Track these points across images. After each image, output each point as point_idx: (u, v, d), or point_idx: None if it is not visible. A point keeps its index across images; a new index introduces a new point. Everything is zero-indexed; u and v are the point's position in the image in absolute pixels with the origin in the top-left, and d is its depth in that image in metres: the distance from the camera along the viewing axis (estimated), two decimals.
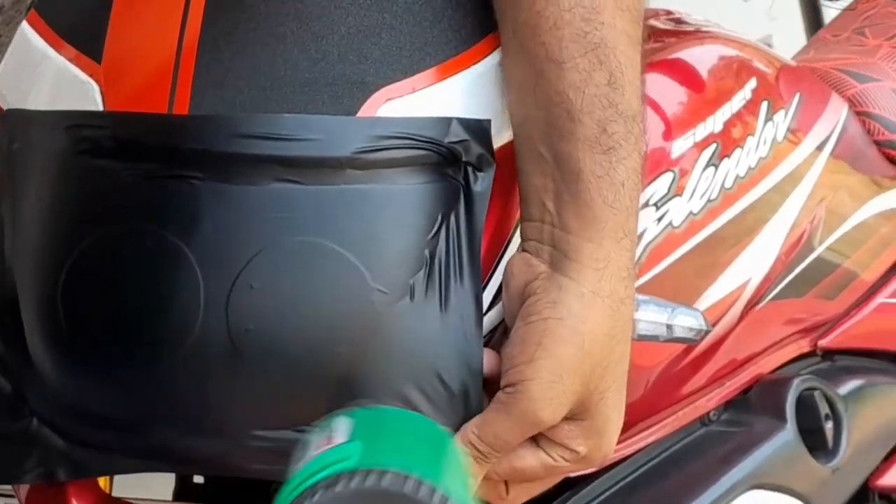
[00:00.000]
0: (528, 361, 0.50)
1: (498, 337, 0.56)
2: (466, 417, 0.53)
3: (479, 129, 0.54)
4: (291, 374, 0.51)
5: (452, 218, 0.53)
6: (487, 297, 0.55)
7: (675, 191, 0.70)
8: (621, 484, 0.73)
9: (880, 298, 0.91)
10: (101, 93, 0.55)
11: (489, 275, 0.55)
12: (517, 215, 0.55)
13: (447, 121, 0.53)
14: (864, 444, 0.84)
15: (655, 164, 0.69)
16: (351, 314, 0.51)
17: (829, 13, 1.47)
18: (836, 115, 0.86)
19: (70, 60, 0.56)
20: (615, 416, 0.55)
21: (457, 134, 0.54)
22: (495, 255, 0.56)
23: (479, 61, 0.56)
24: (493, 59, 0.56)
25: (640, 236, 0.68)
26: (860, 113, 0.92)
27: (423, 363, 0.52)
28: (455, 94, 0.55)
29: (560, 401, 0.51)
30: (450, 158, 0.53)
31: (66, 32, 0.58)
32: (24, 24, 0.59)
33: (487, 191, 0.53)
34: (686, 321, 0.64)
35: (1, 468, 0.57)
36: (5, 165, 0.56)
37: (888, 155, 0.93)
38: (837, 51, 1.05)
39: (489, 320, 0.55)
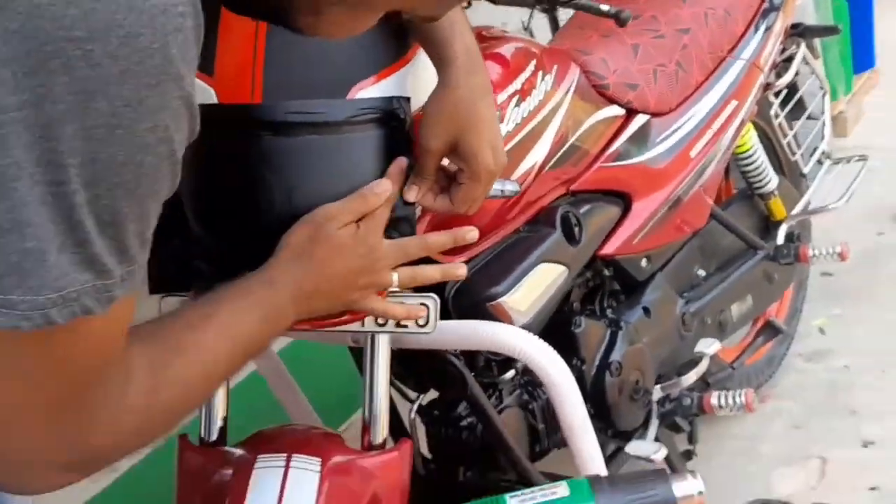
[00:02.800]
0: None
1: None
2: None
3: (405, 101, 1.07)
4: None
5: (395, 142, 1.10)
6: None
7: (500, 119, 1.40)
8: (477, 266, 1.39)
9: (598, 164, 1.59)
10: (216, 94, 1.03)
11: None
12: None
13: (392, 98, 1.06)
14: (591, 235, 1.53)
15: None
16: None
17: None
18: (573, 73, 1.55)
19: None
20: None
21: (396, 104, 1.06)
22: None
23: (404, 66, 1.13)
24: (412, 64, 1.13)
25: None
26: (584, 71, 1.58)
27: None
28: (393, 84, 1.08)
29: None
30: (394, 116, 1.07)
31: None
32: None
33: (412, 128, 1.08)
34: (511, 186, 1.30)
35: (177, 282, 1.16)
36: None
37: (599, 91, 1.61)
38: (569, 39, 1.73)
39: None
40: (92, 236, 0.63)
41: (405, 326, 1.19)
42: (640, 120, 1.68)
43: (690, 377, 1.71)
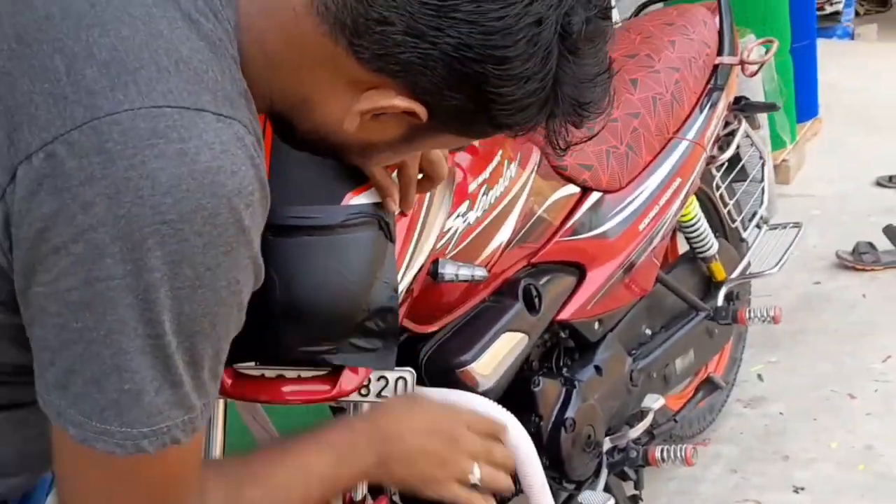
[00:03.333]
0: None
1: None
2: None
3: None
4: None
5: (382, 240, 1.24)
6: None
7: (469, 206, 1.55)
8: (447, 334, 1.56)
9: (556, 238, 1.74)
10: None
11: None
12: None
13: (379, 202, 1.18)
14: (549, 304, 1.68)
15: (461, 194, 1.56)
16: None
17: None
18: (535, 156, 1.70)
19: None
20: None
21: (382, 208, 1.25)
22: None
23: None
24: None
25: (455, 230, 1.46)
26: (544, 153, 1.71)
27: None
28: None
29: None
30: (381, 219, 1.19)
31: None
32: None
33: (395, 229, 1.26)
34: (480, 272, 1.44)
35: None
36: None
37: (557, 171, 1.76)
38: None
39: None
40: (183, 378, 0.77)
41: (385, 396, 1.36)
42: (594, 197, 1.85)
43: (637, 430, 1.89)
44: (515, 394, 1.66)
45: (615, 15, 3.44)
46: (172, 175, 0.73)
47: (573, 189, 1.82)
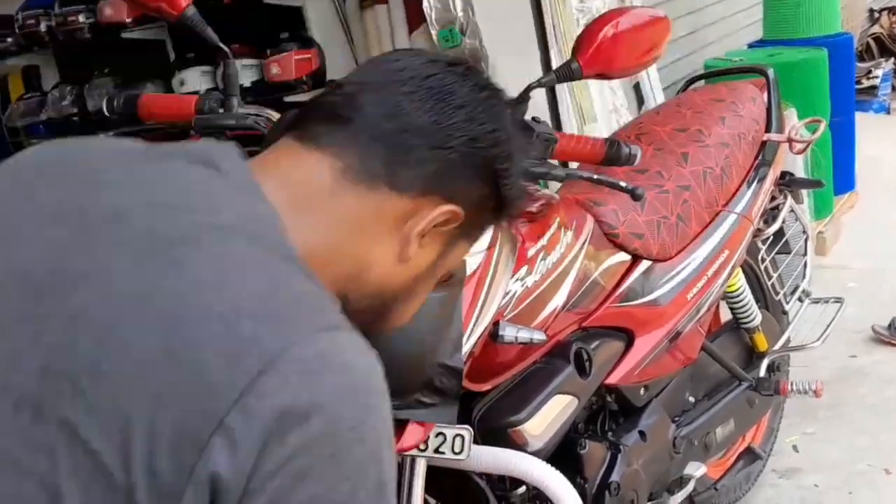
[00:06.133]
0: None
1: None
2: None
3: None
4: None
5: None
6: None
7: (528, 271, 1.62)
8: (500, 393, 1.62)
9: (607, 304, 1.81)
10: None
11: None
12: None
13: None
14: (599, 369, 1.73)
15: (520, 259, 1.62)
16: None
17: None
18: (589, 225, 1.78)
19: None
20: None
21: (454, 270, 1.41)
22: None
23: None
24: None
25: (514, 294, 1.54)
26: (598, 221, 1.80)
27: None
28: None
29: None
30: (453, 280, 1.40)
31: None
32: None
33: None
34: (538, 336, 1.52)
35: None
36: None
37: (610, 239, 1.83)
38: (583, 188, 1.90)
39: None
40: None
41: (443, 452, 1.40)
42: (644, 265, 1.91)
43: (679, 497, 1.93)
44: (562, 455, 1.70)
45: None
46: (348, 385, 0.82)
47: (624, 256, 1.88)
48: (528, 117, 1.61)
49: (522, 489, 1.70)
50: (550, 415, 1.65)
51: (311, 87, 4.29)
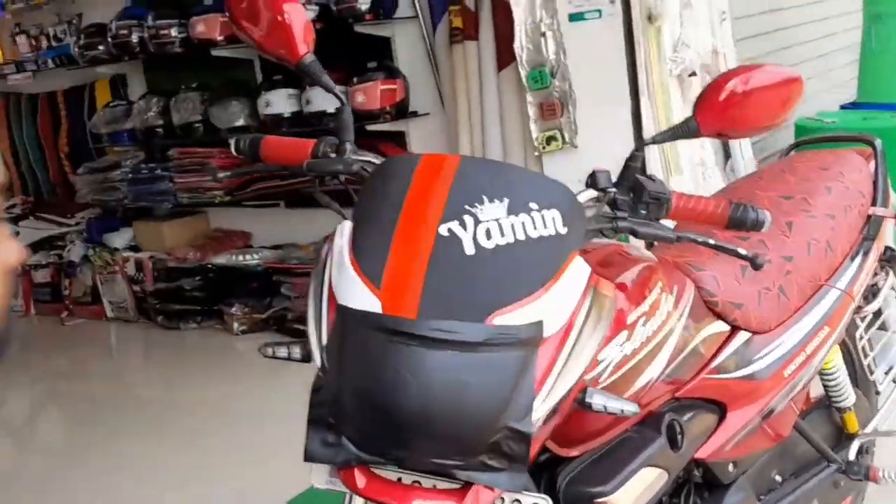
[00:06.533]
0: None
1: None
2: None
3: (536, 326, 1.26)
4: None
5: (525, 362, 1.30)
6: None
7: (627, 337, 1.56)
8: (588, 461, 1.58)
9: (702, 374, 1.73)
10: (381, 305, 1.25)
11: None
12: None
13: (524, 326, 1.24)
14: (690, 442, 1.66)
15: (620, 324, 1.56)
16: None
17: None
18: (689, 291, 1.73)
19: (366, 286, 1.28)
20: None
21: (526, 332, 1.25)
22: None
23: (542, 294, 1.27)
24: (551, 291, 1.29)
25: (611, 361, 1.46)
26: (697, 287, 1.74)
27: None
28: (530, 311, 1.25)
29: None
30: (525, 341, 1.26)
31: (365, 272, 1.30)
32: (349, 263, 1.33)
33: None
34: (630, 407, 1.42)
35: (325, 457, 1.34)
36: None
37: (709, 306, 1.76)
38: (682, 250, 1.85)
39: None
40: None
41: None
42: (742, 337, 1.84)
43: None
44: None
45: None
46: None
47: (723, 326, 1.81)
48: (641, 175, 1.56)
49: None
50: (639, 488, 1.59)
51: (394, 117, 4.32)
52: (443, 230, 1.27)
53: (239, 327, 5.19)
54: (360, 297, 1.27)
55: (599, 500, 1.53)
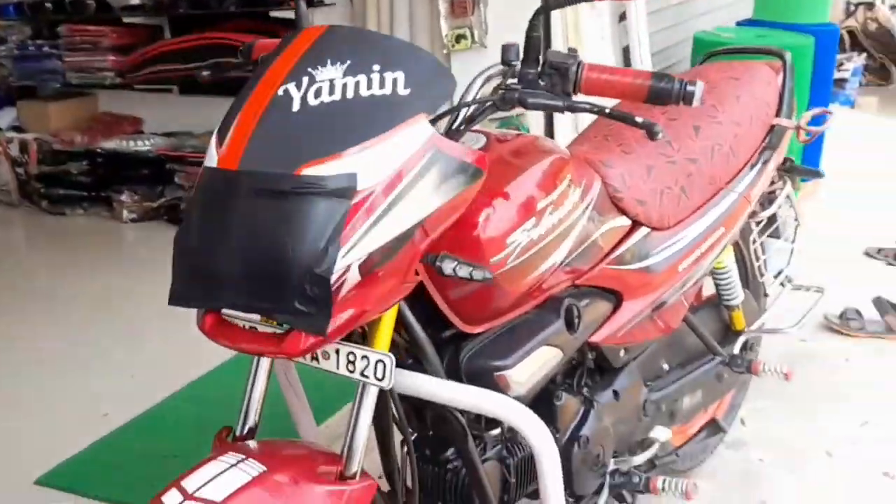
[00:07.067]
0: None
1: None
2: None
3: (347, 177, 1.25)
4: None
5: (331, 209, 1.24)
6: None
7: (535, 223, 1.60)
8: (490, 338, 1.65)
9: (602, 264, 1.83)
10: (218, 160, 1.30)
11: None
12: None
13: (335, 176, 1.25)
14: (586, 325, 1.77)
15: (529, 210, 1.58)
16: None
17: None
18: (597, 186, 1.78)
19: (215, 147, 1.33)
20: None
21: (335, 182, 1.24)
22: None
23: (354, 152, 1.25)
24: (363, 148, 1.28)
25: (518, 244, 1.54)
26: (605, 183, 1.82)
27: None
28: (340, 164, 1.24)
29: None
30: (334, 191, 1.24)
31: (219, 134, 1.34)
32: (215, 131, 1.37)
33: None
34: (479, 273, 1.41)
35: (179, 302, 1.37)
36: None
37: (614, 202, 1.85)
38: (594, 148, 1.96)
39: None
40: None
41: (367, 376, 1.42)
42: (642, 232, 1.94)
43: (642, 457, 1.99)
44: (537, 405, 1.74)
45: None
46: None
47: (625, 221, 1.91)
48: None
49: (497, 430, 1.75)
50: (535, 364, 1.69)
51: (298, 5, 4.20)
52: (280, 91, 1.32)
53: (128, 215, 5.12)
54: (211, 156, 1.34)
55: (498, 373, 1.62)
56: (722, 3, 5.47)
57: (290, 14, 4.23)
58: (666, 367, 2.17)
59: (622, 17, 4.29)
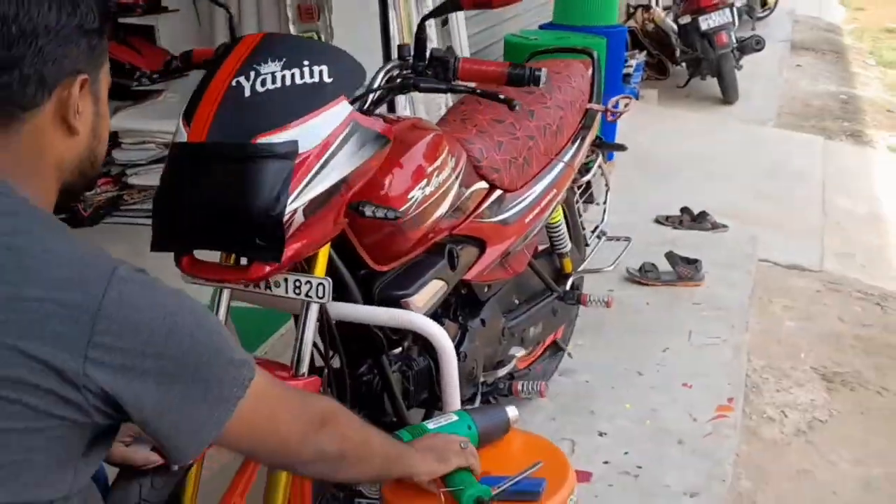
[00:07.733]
0: None
1: None
2: None
3: (291, 144, 1.67)
4: None
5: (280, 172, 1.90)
6: None
7: (426, 184, 2.08)
8: (396, 273, 2.16)
9: (470, 219, 2.34)
10: (187, 135, 1.69)
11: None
12: None
13: (282, 143, 1.64)
14: (462, 265, 2.27)
15: (420, 175, 2.13)
16: None
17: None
18: (464, 157, 2.32)
19: (183, 127, 1.75)
20: None
21: (282, 148, 1.70)
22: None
23: (301, 124, 1.71)
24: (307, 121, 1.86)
25: (416, 199, 2.08)
26: (468, 155, 2.34)
27: None
28: (288, 134, 1.67)
29: None
30: (281, 155, 1.68)
31: (185, 117, 1.74)
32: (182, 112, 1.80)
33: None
34: (392, 213, 1.88)
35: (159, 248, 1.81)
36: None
37: (476, 170, 2.39)
38: (456, 129, 2.46)
39: None
40: None
41: (311, 297, 1.83)
42: (497, 193, 2.48)
43: (502, 371, 2.55)
44: None
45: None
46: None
47: (484, 185, 2.44)
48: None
49: (398, 349, 2.25)
50: (429, 293, 2.19)
51: (145, 11, 4.34)
52: (234, 82, 1.72)
53: None
54: (180, 134, 1.72)
55: (404, 300, 2.12)
56: (526, 8, 6.08)
57: (136, 20, 4.42)
58: (517, 301, 2.73)
59: (444, 21, 4.82)
